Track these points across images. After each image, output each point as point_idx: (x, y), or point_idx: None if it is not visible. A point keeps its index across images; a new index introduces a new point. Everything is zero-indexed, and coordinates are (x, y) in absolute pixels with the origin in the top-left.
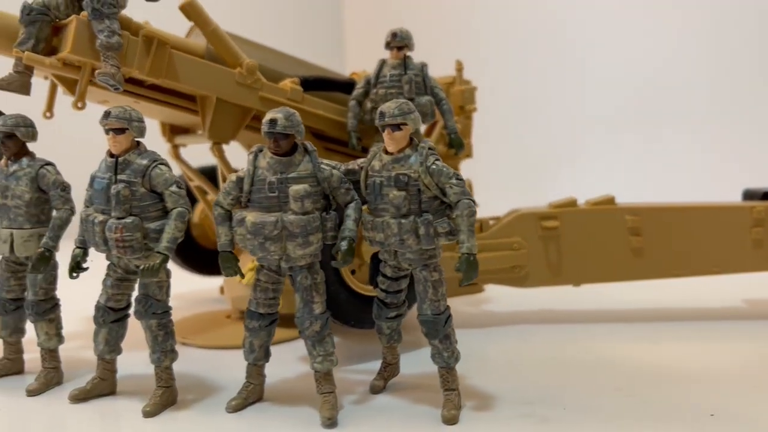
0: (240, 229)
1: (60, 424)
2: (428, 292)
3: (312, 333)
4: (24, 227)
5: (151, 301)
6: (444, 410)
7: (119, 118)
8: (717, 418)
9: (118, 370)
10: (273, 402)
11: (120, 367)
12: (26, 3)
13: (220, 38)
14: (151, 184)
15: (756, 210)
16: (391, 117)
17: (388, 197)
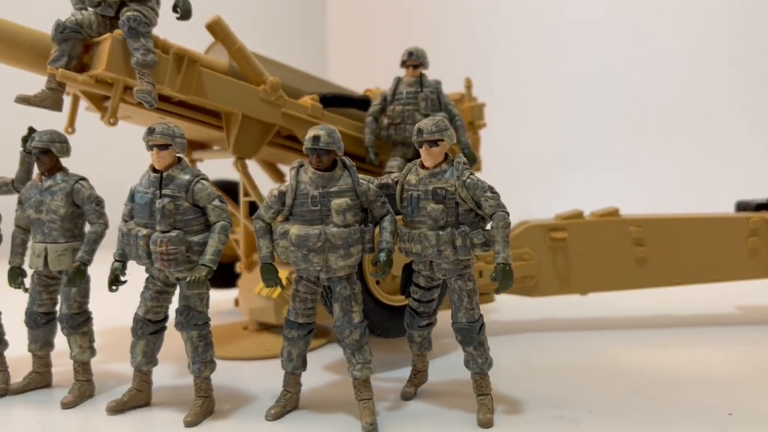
0: (283, 241)
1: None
2: (463, 300)
3: (352, 341)
4: (58, 241)
5: (192, 313)
6: (479, 414)
7: (163, 135)
8: (736, 417)
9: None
10: (309, 410)
11: None
12: (60, 21)
13: (245, 56)
14: (194, 198)
15: (751, 221)
16: (429, 134)
17: (425, 210)
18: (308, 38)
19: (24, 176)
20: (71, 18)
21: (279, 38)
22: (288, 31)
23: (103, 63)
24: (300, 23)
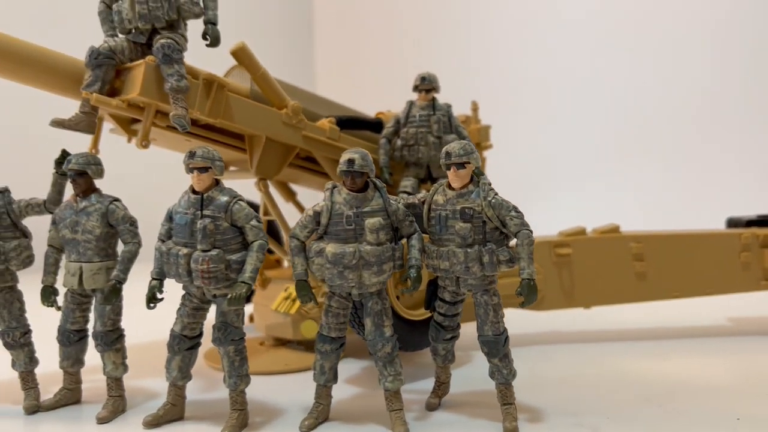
0: (319, 259)
1: None
2: (489, 314)
3: (384, 354)
4: (93, 261)
5: (230, 329)
6: (506, 422)
7: (204, 158)
8: (744, 421)
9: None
10: (340, 421)
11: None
12: (94, 48)
13: (268, 81)
14: (232, 218)
15: (744, 236)
16: (457, 156)
17: (454, 228)
18: (294, 49)
19: (56, 197)
20: (104, 45)
21: (264, 47)
22: (273, 40)
23: (137, 88)
24: (286, 33)
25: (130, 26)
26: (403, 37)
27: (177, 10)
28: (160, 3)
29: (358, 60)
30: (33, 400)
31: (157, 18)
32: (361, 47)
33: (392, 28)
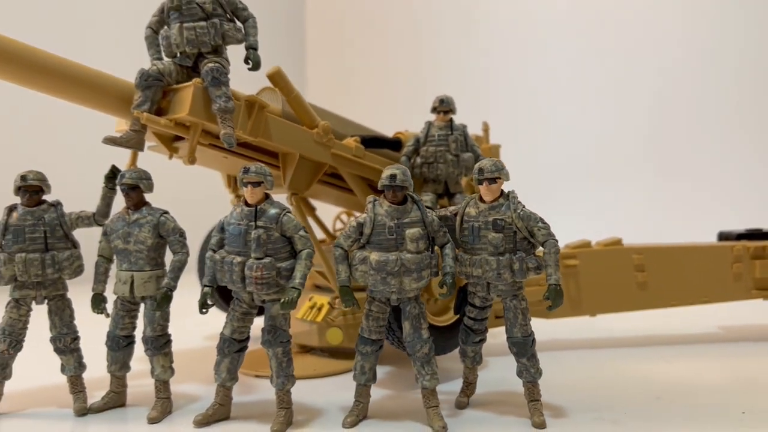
0: (362, 266)
1: None
2: (518, 318)
3: (422, 355)
4: (144, 269)
5: (279, 331)
6: (534, 417)
7: (257, 173)
8: (749, 415)
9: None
10: (378, 418)
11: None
12: (144, 70)
13: (301, 103)
14: (282, 229)
15: (735, 249)
16: (489, 172)
17: (486, 238)
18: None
19: (105, 210)
20: (153, 68)
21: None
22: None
23: (186, 108)
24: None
25: (177, 50)
26: (396, 48)
27: (222, 36)
28: (206, 29)
29: (349, 71)
30: (82, 403)
31: (203, 43)
32: (353, 58)
33: (385, 40)
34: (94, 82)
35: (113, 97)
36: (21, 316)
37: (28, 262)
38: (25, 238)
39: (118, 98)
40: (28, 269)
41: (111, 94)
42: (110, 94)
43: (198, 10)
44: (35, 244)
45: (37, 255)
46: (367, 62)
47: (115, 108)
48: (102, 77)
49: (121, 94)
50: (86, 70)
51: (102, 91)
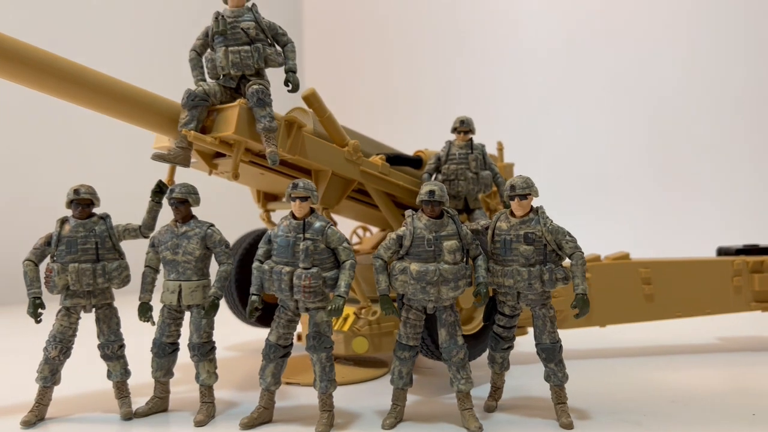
0: (402, 276)
1: None
2: (546, 325)
3: (458, 360)
4: (191, 279)
5: (323, 338)
6: (562, 418)
7: (305, 189)
8: (759, 416)
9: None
10: (414, 421)
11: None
12: (191, 90)
13: (333, 123)
14: (327, 241)
15: (735, 263)
16: (521, 189)
17: (518, 250)
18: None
19: (151, 223)
20: (200, 88)
21: None
22: None
23: (232, 127)
24: None
25: (222, 72)
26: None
27: (264, 59)
28: (250, 53)
29: (346, 82)
30: (128, 408)
31: (247, 66)
32: (350, 68)
33: (383, 52)
34: (145, 102)
35: (160, 115)
36: (71, 324)
37: (80, 271)
38: (78, 249)
39: (164, 117)
40: (81, 279)
41: (158, 113)
42: (158, 113)
43: (242, 35)
44: (87, 255)
45: (88, 265)
46: (364, 74)
47: (161, 126)
48: (150, 97)
49: (168, 113)
50: (138, 91)
51: (151, 110)
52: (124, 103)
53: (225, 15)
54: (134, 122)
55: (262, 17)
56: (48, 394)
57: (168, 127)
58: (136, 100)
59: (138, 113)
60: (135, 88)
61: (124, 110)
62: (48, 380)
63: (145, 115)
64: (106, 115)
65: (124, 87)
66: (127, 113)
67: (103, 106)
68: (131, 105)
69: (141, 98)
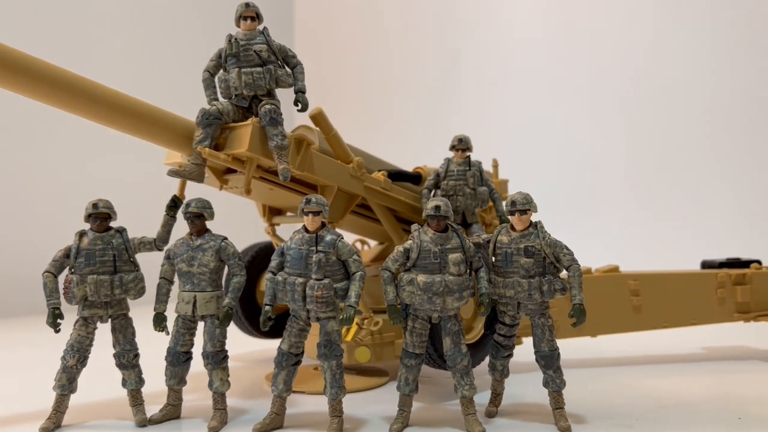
0: (410, 287)
1: None
2: (545, 334)
3: (462, 367)
4: (206, 290)
5: (333, 346)
6: (560, 422)
7: (318, 204)
8: (745, 420)
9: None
10: (420, 426)
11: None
12: (205, 109)
13: (338, 140)
14: (338, 253)
15: (719, 276)
16: (521, 204)
17: (519, 263)
18: None
19: (165, 236)
20: (213, 107)
21: None
22: None
23: (246, 145)
24: None
25: (235, 92)
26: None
27: (275, 80)
28: (262, 75)
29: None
30: (143, 415)
31: (259, 87)
32: (338, 78)
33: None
34: (162, 121)
35: (175, 133)
36: (88, 334)
37: (99, 283)
38: (96, 261)
39: (178, 134)
40: (99, 290)
41: (173, 131)
42: (173, 131)
43: (255, 57)
44: (105, 267)
45: (107, 277)
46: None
47: (176, 142)
48: (166, 115)
49: (182, 130)
50: (156, 110)
51: (167, 128)
52: (144, 122)
53: (238, 38)
54: (151, 139)
55: (272, 40)
56: (65, 402)
57: (182, 143)
58: (155, 118)
59: (156, 131)
60: (154, 108)
61: (144, 129)
62: (65, 388)
63: (162, 132)
64: (126, 132)
65: (145, 107)
66: (146, 131)
67: (126, 125)
68: (150, 123)
69: (159, 117)
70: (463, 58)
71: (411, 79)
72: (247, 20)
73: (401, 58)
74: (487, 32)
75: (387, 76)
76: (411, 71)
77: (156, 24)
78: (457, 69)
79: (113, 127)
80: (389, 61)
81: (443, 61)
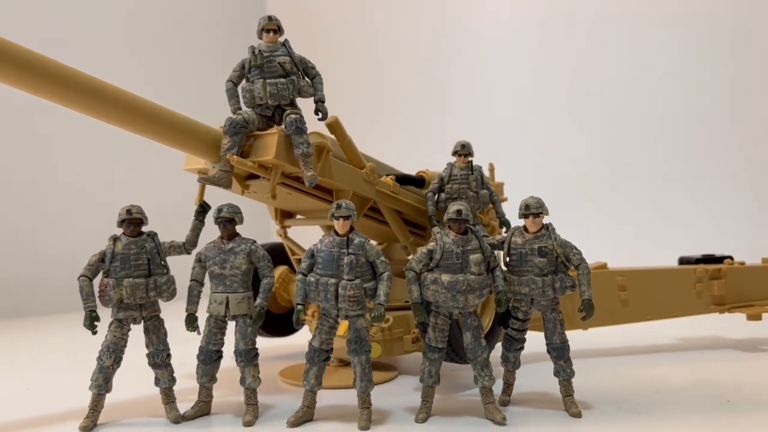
0: (434, 286)
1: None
2: (557, 327)
3: (482, 359)
4: (238, 291)
5: (363, 342)
6: (571, 409)
7: (347, 209)
8: (733, 403)
9: None
10: (442, 415)
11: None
12: (232, 118)
13: (352, 147)
14: (366, 255)
15: (697, 271)
16: (535, 208)
17: (533, 262)
18: None
19: (194, 240)
20: (239, 117)
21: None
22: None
23: (272, 152)
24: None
25: (260, 102)
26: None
27: (298, 90)
28: (286, 85)
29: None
30: (177, 412)
31: (283, 97)
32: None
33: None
34: (190, 129)
35: (203, 141)
36: (123, 335)
37: (134, 286)
38: (131, 265)
39: (205, 142)
40: (134, 292)
41: (201, 139)
42: (200, 139)
43: (279, 68)
44: (139, 270)
45: (142, 280)
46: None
47: (201, 150)
48: (194, 124)
49: (208, 138)
50: (185, 119)
51: (194, 136)
52: (176, 130)
53: (261, 49)
54: (180, 147)
55: (294, 52)
56: (101, 401)
57: (207, 150)
58: (186, 128)
59: (186, 140)
60: (185, 117)
61: (176, 137)
62: (102, 388)
63: (190, 141)
64: (158, 141)
65: (178, 117)
66: (178, 140)
67: (160, 135)
68: (181, 132)
69: (189, 126)
70: (451, 62)
71: (398, 81)
72: (270, 33)
73: (373, 62)
74: (475, 34)
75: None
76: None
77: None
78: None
79: (148, 136)
80: (358, 63)
81: (428, 64)
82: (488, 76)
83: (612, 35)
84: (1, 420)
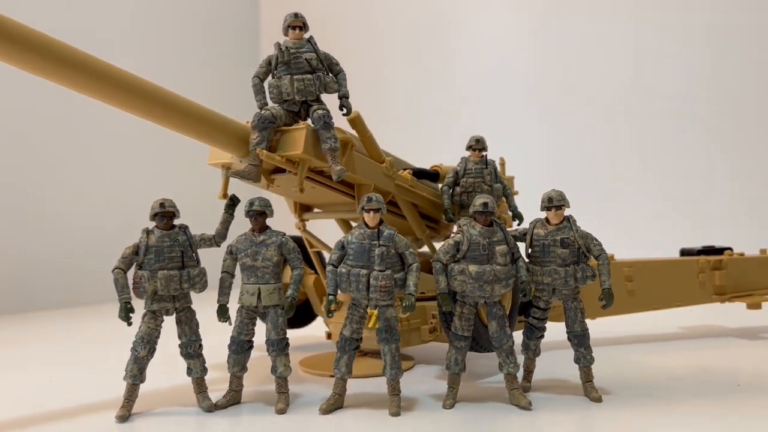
0: (461, 276)
1: (337, 426)
2: (578, 316)
3: (507, 347)
4: (269, 282)
5: (393, 331)
6: (591, 393)
7: (378, 202)
8: (744, 386)
9: None
10: (468, 401)
11: None
12: (261, 114)
13: (373, 142)
14: (396, 246)
15: (700, 262)
16: (557, 201)
17: (555, 253)
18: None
19: (224, 233)
20: (267, 112)
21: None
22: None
23: (301, 147)
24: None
25: (288, 98)
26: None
27: (324, 86)
28: (313, 81)
29: None
30: (209, 401)
31: (310, 92)
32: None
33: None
34: (221, 124)
35: (231, 135)
36: (157, 326)
37: (168, 278)
38: (165, 257)
39: (232, 136)
40: (169, 284)
41: (230, 134)
42: (230, 134)
43: (305, 64)
44: (173, 263)
45: (175, 272)
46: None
47: (230, 144)
48: (227, 120)
49: (237, 133)
50: (218, 115)
51: (224, 131)
52: (208, 125)
53: (288, 46)
54: (210, 142)
55: (319, 48)
56: (136, 391)
57: (235, 144)
58: (217, 123)
59: (217, 135)
60: (215, 113)
61: (208, 132)
62: (137, 378)
63: (221, 135)
64: (190, 136)
65: (210, 112)
66: (210, 135)
67: (193, 130)
68: (213, 127)
69: (220, 121)
70: (458, 58)
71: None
72: (296, 29)
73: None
74: (484, 28)
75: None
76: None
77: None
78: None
79: (185, 132)
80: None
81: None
82: (495, 72)
83: (619, 28)
84: (40, 411)
